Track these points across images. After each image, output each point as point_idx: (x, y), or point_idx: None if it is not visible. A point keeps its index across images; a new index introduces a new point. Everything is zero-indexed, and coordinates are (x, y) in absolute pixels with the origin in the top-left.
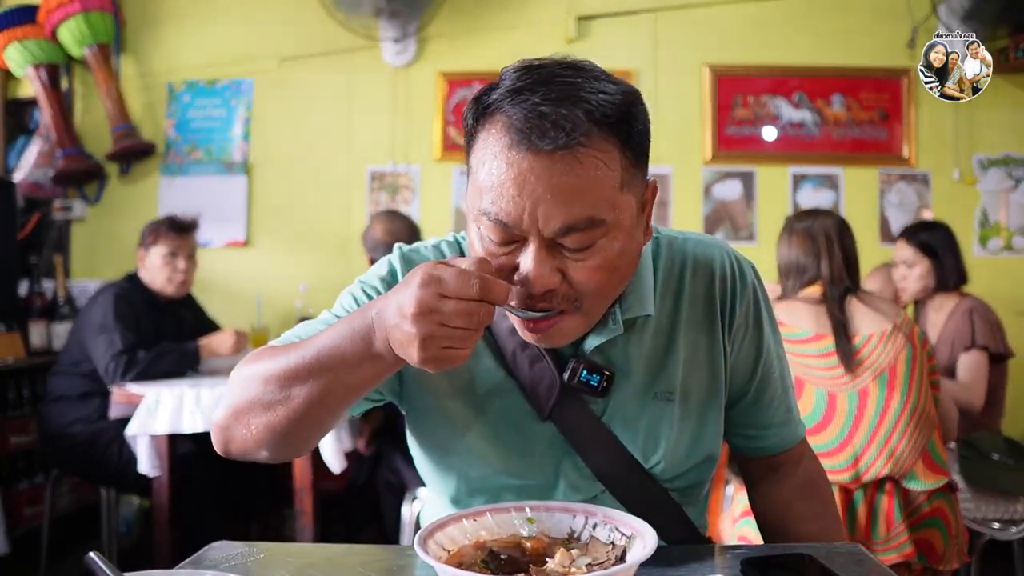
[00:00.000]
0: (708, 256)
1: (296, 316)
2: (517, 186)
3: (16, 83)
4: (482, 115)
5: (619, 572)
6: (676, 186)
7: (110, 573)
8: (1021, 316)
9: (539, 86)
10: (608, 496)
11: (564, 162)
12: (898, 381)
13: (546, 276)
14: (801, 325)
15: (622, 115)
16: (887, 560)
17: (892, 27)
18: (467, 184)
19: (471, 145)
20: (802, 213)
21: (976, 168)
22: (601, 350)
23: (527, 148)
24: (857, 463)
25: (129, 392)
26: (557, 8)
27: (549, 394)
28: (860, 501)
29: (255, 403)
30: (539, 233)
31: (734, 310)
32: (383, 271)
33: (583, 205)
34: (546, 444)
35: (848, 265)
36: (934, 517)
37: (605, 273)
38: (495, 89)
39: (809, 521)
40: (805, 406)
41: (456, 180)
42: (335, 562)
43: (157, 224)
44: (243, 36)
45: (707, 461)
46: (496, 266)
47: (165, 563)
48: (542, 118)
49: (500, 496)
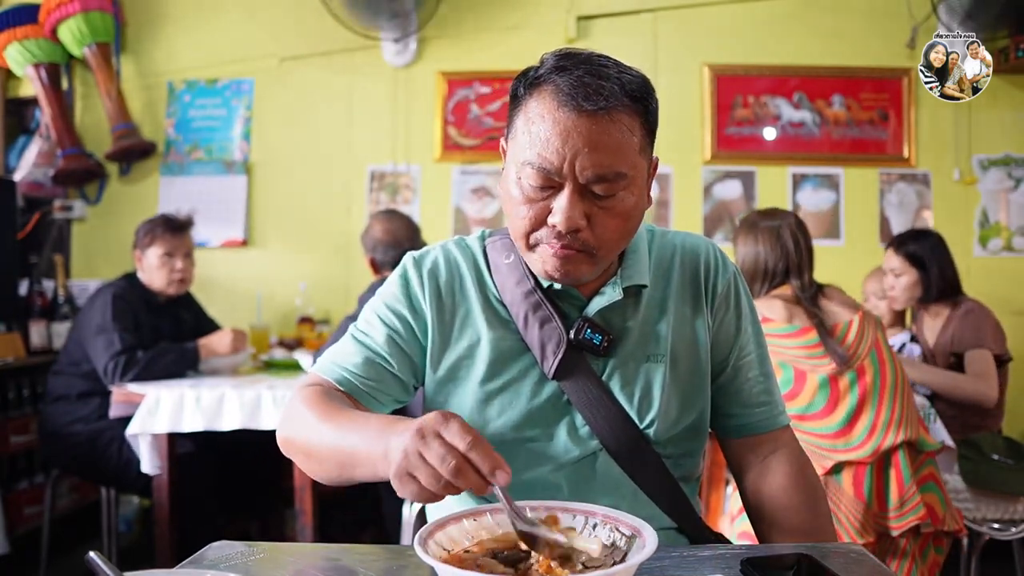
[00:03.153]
0: (695, 245)
1: (296, 315)
2: (561, 139)
3: (16, 82)
4: (531, 85)
5: (619, 572)
6: (676, 186)
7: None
8: (1020, 316)
9: (580, 64)
10: (604, 455)
11: (602, 122)
12: (884, 356)
13: (576, 217)
14: (788, 320)
15: (644, 93)
16: (906, 524)
17: (892, 27)
18: (505, 148)
19: (517, 110)
20: (765, 212)
21: (976, 168)
22: (603, 315)
23: (573, 108)
24: (871, 437)
25: (129, 392)
26: (557, 8)
27: (556, 351)
28: (872, 473)
29: (297, 449)
30: (575, 179)
31: (716, 288)
32: (398, 282)
33: (613, 159)
34: (551, 403)
35: (811, 263)
36: (930, 481)
37: (621, 220)
38: (540, 68)
39: (798, 512)
40: (809, 394)
41: (456, 180)
42: (335, 562)
43: (152, 224)
44: (243, 36)
45: (696, 432)
46: (534, 212)
47: (165, 563)
48: (585, 86)
49: (506, 452)
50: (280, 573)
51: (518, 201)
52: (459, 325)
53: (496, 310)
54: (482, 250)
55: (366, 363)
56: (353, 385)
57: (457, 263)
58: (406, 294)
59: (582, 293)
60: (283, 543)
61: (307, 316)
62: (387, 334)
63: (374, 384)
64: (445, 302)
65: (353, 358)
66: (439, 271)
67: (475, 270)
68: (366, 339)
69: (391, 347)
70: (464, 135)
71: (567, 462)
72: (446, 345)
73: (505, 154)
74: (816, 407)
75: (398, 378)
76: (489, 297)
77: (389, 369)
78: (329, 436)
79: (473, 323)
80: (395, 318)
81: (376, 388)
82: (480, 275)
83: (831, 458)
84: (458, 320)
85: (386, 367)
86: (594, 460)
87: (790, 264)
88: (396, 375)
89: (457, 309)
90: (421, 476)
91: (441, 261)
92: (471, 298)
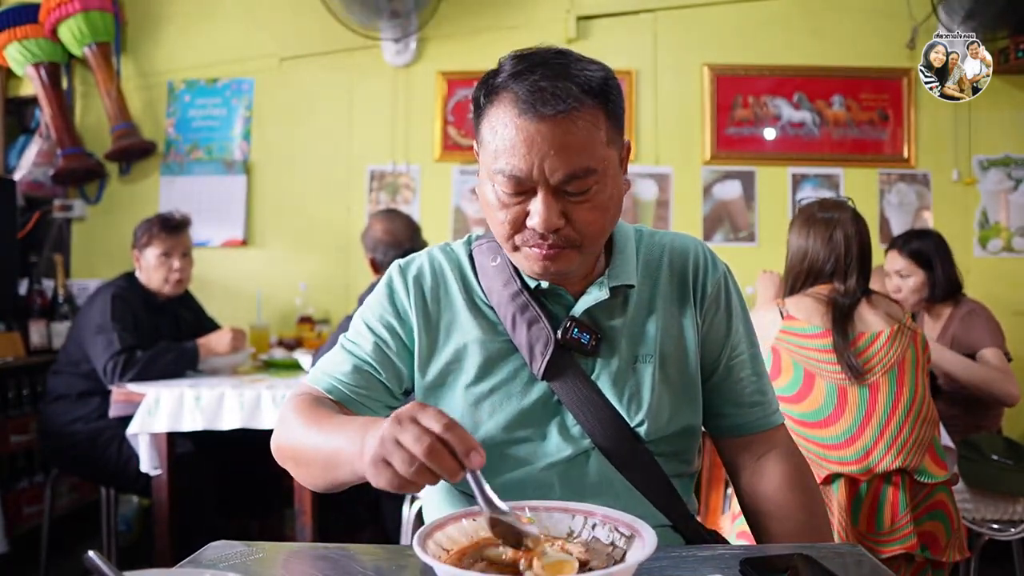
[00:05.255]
0: (684, 246)
1: (296, 315)
2: (527, 146)
3: (17, 82)
4: (491, 93)
5: (619, 572)
6: (676, 186)
7: (110, 572)
8: (1020, 316)
9: (536, 67)
10: (597, 453)
11: (563, 124)
12: (906, 377)
13: (553, 218)
14: (812, 320)
15: (603, 87)
16: (891, 551)
17: (892, 27)
18: (478, 152)
19: (481, 119)
20: (824, 203)
21: (976, 168)
22: (590, 314)
23: (533, 115)
24: (868, 456)
25: (129, 391)
26: (557, 8)
27: (545, 352)
28: (866, 492)
29: (287, 456)
30: (546, 182)
31: (705, 289)
32: (384, 291)
33: (580, 157)
34: (541, 404)
35: (862, 266)
36: (937, 509)
37: (600, 212)
38: (498, 74)
39: (796, 512)
40: (816, 400)
41: (456, 180)
42: (335, 562)
43: (149, 224)
44: (243, 35)
45: (688, 431)
46: (511, 216)
47: (165, 562)
48: (542, 91)
49: (498, 453)
50: (279, 573)
51: (495, 207)
52: (446, 330)
53: (484, 313)
54: (468, 254)
55: (355, 371)
56: (343, 393)
57: (442, 268)
58: (391, 302)
59: (570, 293)
60: (283, 543)
61: (307, 316)
62: (374, 342)
63: (363, 392)
64: (431, 308)
65: (342, 367)
66: (424, 277)
67: (460, 275)
68: (354, 348)
69: (378, 355)
70: (464, 135)
71: (559, 461)
72: (434, 350)
73: (478, 159)
74: (820, 415)
75: (386, 385)
76: (476, 301)
77: (377, 376)
78: (314, 440)
79: (460, 327)
80: (382, 326)
81: (366, 395)
82: (466, 279)
83: (826, 468)
84: (444, 325)
85: (374, 374)
86: (586, 459)
87: (837, 267)
88: (384, 382)
89: (443, 314)
90: (395, 460)
91: (426, 267)
92: (457, 303)
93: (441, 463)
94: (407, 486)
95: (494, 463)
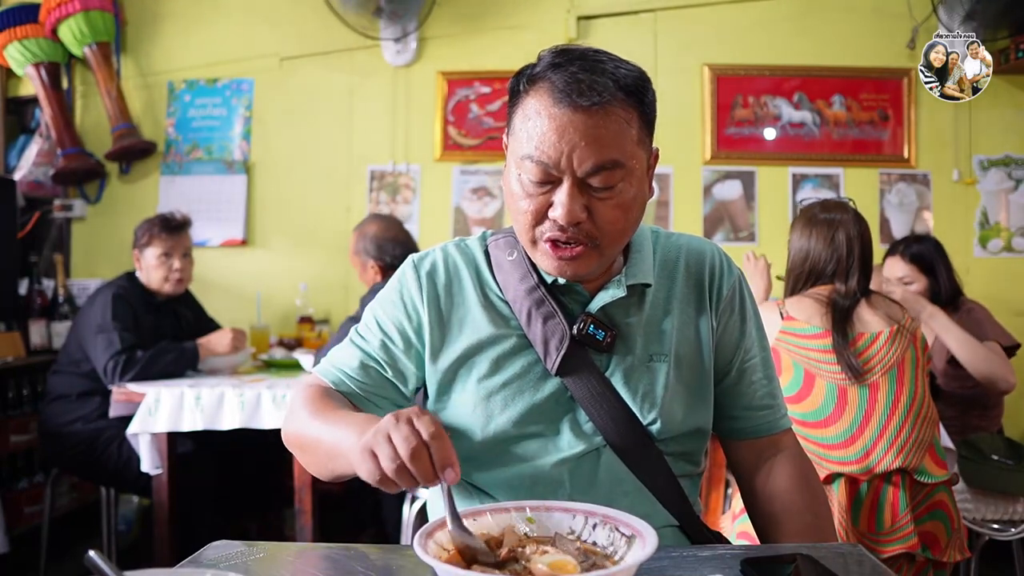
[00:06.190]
0: (700, 249)
1: (296, 315)
2: (558, 134)
3: (17, 82)
4: (529, 81)
5: (619, 572)
6: (676, 186)
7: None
8: (1020, 316)
9: (575, 60)
10: (608, 451)
11: (596, 116)
12: (906, 377)
13: (576, 211)
14: (812, 321)
15: (639, 87)
16: (891, 551)
17: (892, 27)
18: (507, 144)
19: (516, 106)
20: (826, 204)
21: (976, 168)
22: (606, 311)
23: (568, 105)
24: (868, 456)
25: (129, 391)
26: (557, 8)
27: (560, 347)
28: (866, 492)
29: (294, 443)
30: (573, 173)
31: (721, 291)
32: (396, 286)
33: (609, 150)
34: (554, 399)
35: (864, 268)
36: (937, 509)
37: (622, 211)
38: (536, 65)
39: (801, 514)
40: (815, 400)
41: (456, 180)
42: (335, 562)
43: (149, 224)
44: (243, 35)
45: (699, 432)
46: (535, 207)
47: (165, 562)
48: (579, 83)
49: (509, 448)
50: (280, 573)
51: (519, 196)
52: (459, 325)
53: (498, 308)
54: (483, 249)
55: (361, 367)
56: (349, 388)
57: (456, 264)
58: (401, 298)
59: (586, 290)
60: (283, 543)
61: (307, 316)
62: (382, 339)
63: (370, 388)
64: (443, 303)
65: (350, 362)
66: (437, 273)
67: (474, 270)
68: (363, 343)
69: (385, 352)
70: (464, 135)
71: (570, 457)
72: (446, 345)
73: (507, 150)
74: (820, 415)
75: (393, 383)
76: (490, 296)
77: (384, 373)
78: (319, 430)
79: (473, 322)
80: (391, 323)
81: (372, 392)
82: (480, 274)
83: (826, 468)
84: (457, 320)
85: (381, 371)
86: (598, 456)
87: (839, 268)
88: (391, 380)
89: (456, 309)
90: (380, 453)
91: (440, 262)
92: (470, 298)
93: (419, 467)
94: (387, 482)
95: (505, 457)
